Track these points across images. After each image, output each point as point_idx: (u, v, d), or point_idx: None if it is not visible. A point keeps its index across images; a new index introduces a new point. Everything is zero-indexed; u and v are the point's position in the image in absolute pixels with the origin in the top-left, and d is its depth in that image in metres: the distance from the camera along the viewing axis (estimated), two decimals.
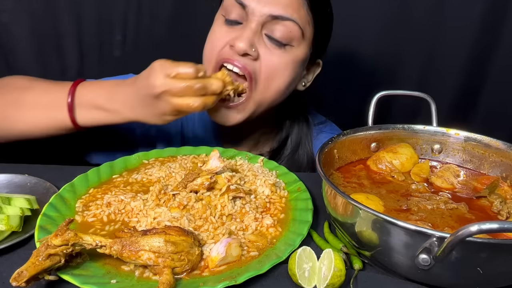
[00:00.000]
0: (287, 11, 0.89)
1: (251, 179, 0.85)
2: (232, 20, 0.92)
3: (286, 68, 0.94)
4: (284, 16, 0.89)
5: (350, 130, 0.87)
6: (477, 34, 1.50)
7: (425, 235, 0.54)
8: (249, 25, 0.90)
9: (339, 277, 0.59)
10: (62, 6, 1.36)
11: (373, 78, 1.53)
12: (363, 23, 1.49)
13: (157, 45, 1.44)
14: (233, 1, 0.91)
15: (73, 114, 0.87)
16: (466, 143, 0.87)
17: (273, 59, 0.92)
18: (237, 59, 0.90)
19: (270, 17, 0.89)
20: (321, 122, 1.19)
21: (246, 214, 0.74)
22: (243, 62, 0.90)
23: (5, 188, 0.81)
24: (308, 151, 1.12)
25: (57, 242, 0.57)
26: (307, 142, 1.12)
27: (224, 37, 0.92)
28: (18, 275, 0.55)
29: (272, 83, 0.94)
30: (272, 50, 0.92)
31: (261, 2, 0.89)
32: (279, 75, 0.94)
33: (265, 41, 0.92)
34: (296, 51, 0.94)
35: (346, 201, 0.63)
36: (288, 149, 1.11)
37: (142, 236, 0.60)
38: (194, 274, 0.62)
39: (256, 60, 0.91)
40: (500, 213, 0.73)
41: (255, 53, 0.90)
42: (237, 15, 0.91)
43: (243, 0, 0.90)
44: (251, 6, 0.89)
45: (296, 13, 0.90)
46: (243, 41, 0.88)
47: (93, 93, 0.88)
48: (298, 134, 1.12)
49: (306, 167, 1.10)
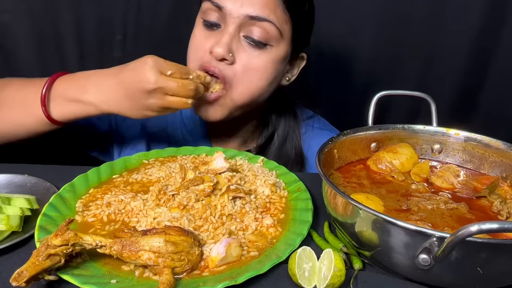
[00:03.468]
0: (264, 11, 0.91)
1: (251, 179, 0.85)
2: (211, 23, 0.94)
3: (265, 68, 0.96)
4: (261, 17, 0.91)
5: (350, 130, 0.87)
6: (477, 34, 1.50)
7: (425, 235, 0.54)
8: (227, 29, 0.92)
9: (339, 277, 0.59)
10: (62, 6, 1.36)
11: (373, 78, 1.53)
12: (363, 23, 1.49)
13: (157, 45, 1.44)
14: (210, 4, 0.92)
15: (47, 108, 0.86)
16: (466, 143, 0.87)
17: (251, 61, 0.94)
18: (214, 64, 0.93)
19: (247, 18, 0.91)
20: (310, 117, 1.20)
21: (246, 214, 0.74)
22: (219, 67, 0.93)
23: (5, 188, 0.81)
24: (296, 144, 1.13)
25: (57, 242, 0.57)
26: (295, 136, 1.13)
27: (203, 43, 0.95)
28: (18, 275, 0.55)
29: (251, 84, 0.96)
30: (250, 52, 0.94)
31: (237, 2, 0.90)
32: (258, 76, 0.96)
33: (243, 43, 0.94)
34: (275, 51, 0.96)
35: (346, 201, 0.63)
36: (275, 143, 1.12)
37: (142, 236, 0.60)
38: (194, 274, 0.61)
39: (233, 64, 0.94)
40: (500, 213, 0.73)
41: (231, 58, 0.93)
42: (215, 18, 0.93)
43: (219, 2, 0.91)
44: (228, 7, 0.91)
45: (273, 13, 0.91)
46: (221, 46, 0.91)
47: (66, 85, 0.87)
48: (284, 129, 1.13)
49: (294, 160, 1.11)
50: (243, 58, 0.94)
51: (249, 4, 0.90)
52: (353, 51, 1.54)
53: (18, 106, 0.89)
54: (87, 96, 0.85)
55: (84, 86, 0.86)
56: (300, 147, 1.14)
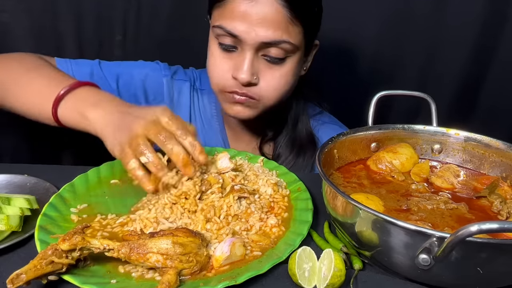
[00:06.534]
0: (277, 34, 0.90)
1: (252, 178, 0.85)
2: (227, 46, 0.94)
3: (287, 77, 0.98)
4: (276, 41, 0.90)
5: (350, 130, 0.87)
6: (478, 34, 1.49)
7: (425, 235, 0.54)
8: (245, 54, 0.92)
9: (339, 277, 0.59)
10: (61, 6, 1.36)
11: (373, 78, 1.53)
12: (363, 23, 1.49)
13: (157, 44, 1.44)
14: (223, 31, 0.92)
15: (56, 107, 0.84)
16: (466, 143, 0.87)
17: (274, 76, 0.96)
18: (240, 89, 0.96)
19: (262, 44, 0.91)
20: (318, 113, 1.21)
21: (252, 214, 0.74)
22: (246, 90, 0.96)
23: (5, 189, 0.81)
24: (306, 125, 1.14)
25: (65, 246, 0.56)
26: (305, 118, 1.15)
27: (223, 65, 0.96)
28: (16, 277, 0.54)
29: (278, 92, 0.99)
30: (271, 69, 0.96)
31: (251, 33, 0.89)
32: (282, 84, 0.99)
33: (263, 62, 0.95)
34: (293, 59, 0.97)
35: (346, 201, 0.63)
36: (288, 125, 1.14)
37: (149, 239, 0.60)
38: (200, 275, 0.61)
39: (258, 83, 0.96)
40: (500, 213, 0.73)
41: (256, 80, 0.95)
42: (230, 41, 0.93)
43: (233, 31, 0.90)
44: (242, 36, 0.90)
45: (286, 32, 0.91)
46: (245, 73, 0.92)
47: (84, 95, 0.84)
48: (296, 111, 1.14)
49: (307, 141, 1.12)
50: (266, 77, 0.96)
51: (262, 31, 0.89)
52: (353, 51, 1.54)
53: (37, 93, 0.88)
54: (92, 114, 0.80)
55: (95, 104, 0.82)
56: (310, 129, 1.15)
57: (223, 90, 0.99)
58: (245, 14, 0.88)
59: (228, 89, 0.97)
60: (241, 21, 0.89)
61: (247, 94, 0.96)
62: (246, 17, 0.88)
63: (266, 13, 0.88)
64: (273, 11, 0.88)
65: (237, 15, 0.89)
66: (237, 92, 0.96)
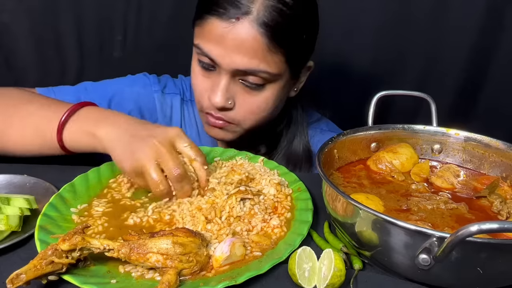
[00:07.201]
0: (254, 63, 0.86)
1: (257, 178, 0.85)
2: (206, 65, 0.92)
3: (267, 102, 0.95)
4: (251, 70, 0.87)
5: (350, 130, 0.87)
6: (478, 35, 1.49)
7: (425, 235, 0.54)
8: (221, 77, 0.90)
9: (339, 277, 0.59)
10: (62, 6, 1.36)
11: (373, 78, 1.53)
12: (363, 23, 1.49)
13: (158, 46, 1.44)
14: (200, 51, 0.90)
15: (61, 134, 0.82)
16: (466, 143, 0.87)
17: (251, 102, 0.94)
18: (215, 112, 0.95)
19: (238, 71, 0.88)
20: (317, 120, 1.19)
21: (255, 215, 0.74)
22: (221, 114, 0.95)
23: (4, 189, 0.80)
24: (304, 142, 1.12)
25: (65, 247, 0.56)
26: (303, 134, 1.12)
27: (203, 84, 0.95)
28: (16, 277, 0.54)
29: (256, 117, 0.97)
30: (249, 93, 0.93)
31: (226, 58, 0.86)
32: (261, 110, 0.96)
33: (241, 86, 0.92)
34: (274, 85, 0.94)
35: (346, 201, 0.63)
36: (283, 142, 1.12)
37: (149, 239, 0.60)
38: (200, 275, 0.61)
39: (233, 108, 0.94)
40: (500, 213, 0.73)
41: (231, 105, 0.93)
42: (209, 61, 0.90)
43: (209, 54, 0.88)
44: (217, 60, 0.88)
45: (264, 62, 0.86)
46: (219, 98, 0.91)
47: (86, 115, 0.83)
48: (292, 127, 1.12)
49: (303, 158, 1.10)
50: (243, 102, 0.93)
51: (238, 58, 0.85)
52: (353, 51, 1.54)
53: (31, 127, 0.85)
54: (100, 131, 0.79)
55: (101, 121, 0.81)
56: (309, 145, 1.13)
57: (201, 110, 0.98)
58: (222, 38, 0.85)
59: (205, 110, 0.96)
60: (217, 44, 0.86)
61: (222, 118, 0.95)
62: (222, 41, 0.85)
63: (243, 39, 0.84)
64: (250, 38, 0.84)
65: (213, 37, 0.86)
66: (212, 115, 0.95)
